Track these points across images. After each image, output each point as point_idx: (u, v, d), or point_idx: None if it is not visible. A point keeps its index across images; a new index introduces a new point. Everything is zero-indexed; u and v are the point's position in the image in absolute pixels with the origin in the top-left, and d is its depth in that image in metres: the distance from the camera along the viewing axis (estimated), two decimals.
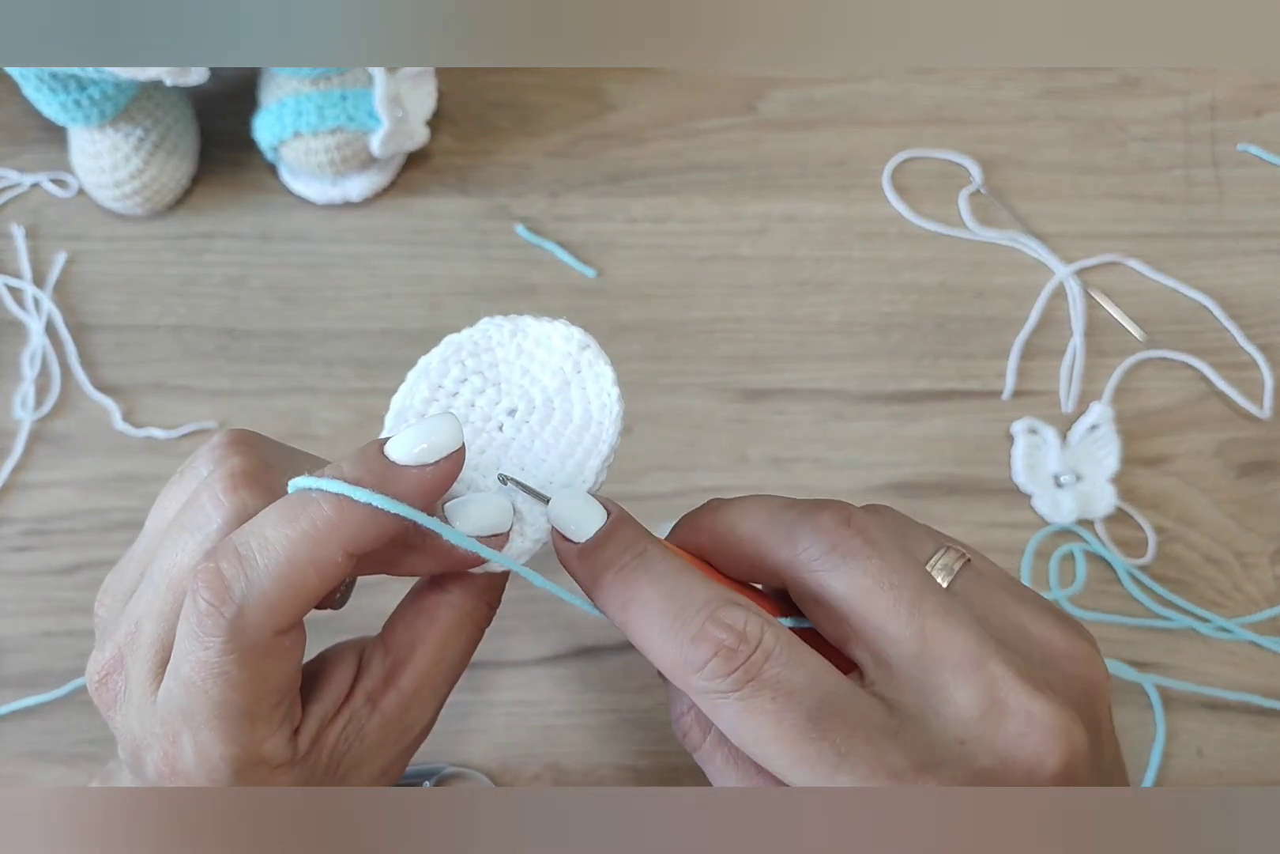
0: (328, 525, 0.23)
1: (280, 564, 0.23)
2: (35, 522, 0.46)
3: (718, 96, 0.54)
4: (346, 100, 0.48)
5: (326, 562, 0.23)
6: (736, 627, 0.23)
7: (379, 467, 0.24)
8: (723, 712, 0.23)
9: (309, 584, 0.23)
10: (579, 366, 0.29)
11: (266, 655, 0.23)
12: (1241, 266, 0.51)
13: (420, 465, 0.24)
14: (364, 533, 0.23)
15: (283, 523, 0.23)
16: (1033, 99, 0.54)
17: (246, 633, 0.23)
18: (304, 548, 0.23)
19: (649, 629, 0.24)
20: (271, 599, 0.23)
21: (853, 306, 0.50)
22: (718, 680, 0.23)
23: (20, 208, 0.51)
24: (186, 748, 0.24)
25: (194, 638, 0.23)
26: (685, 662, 0.24)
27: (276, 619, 0.23)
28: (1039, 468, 0.47)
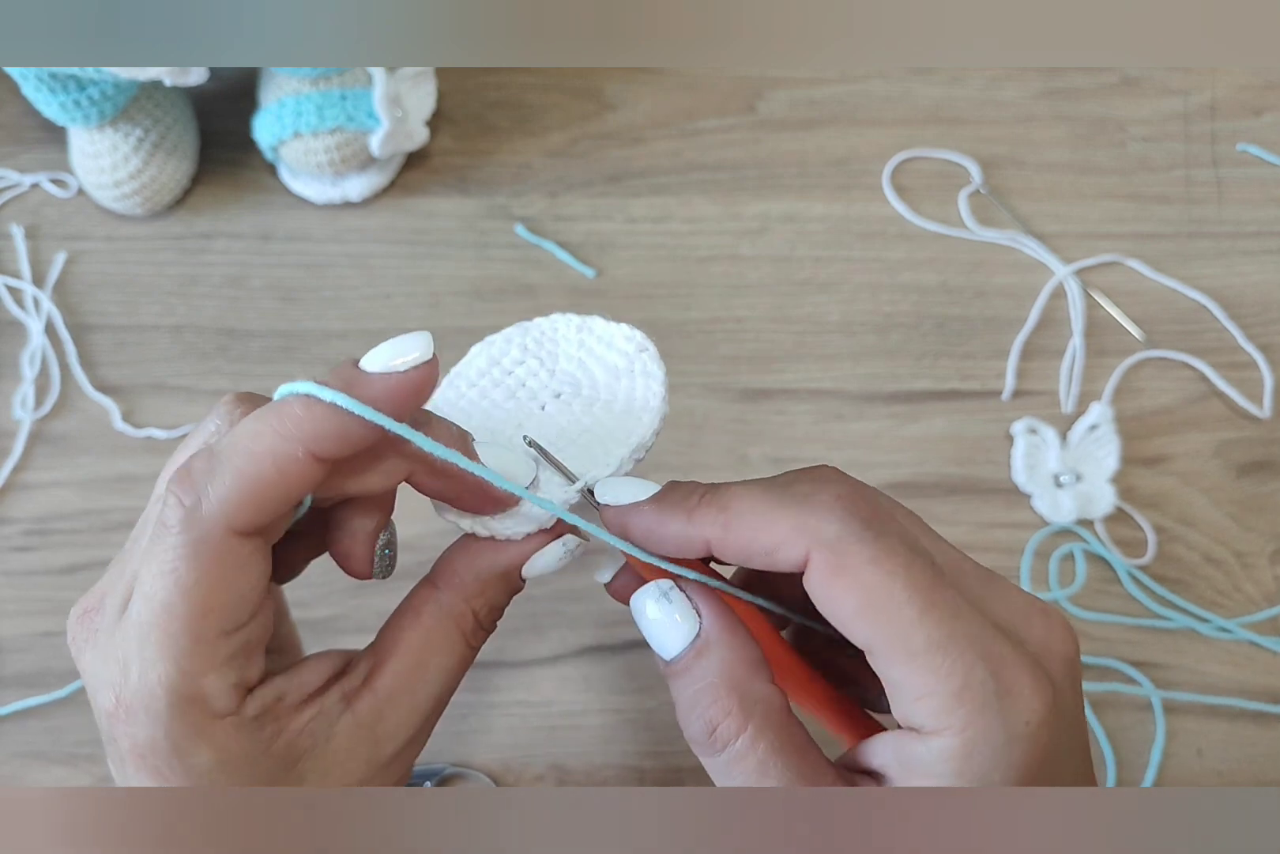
0: (293, 421, 0.23)
1: (241, 455, 0.23)
2: (35, 522, 0.46)
3: (717, 96, 0.54)
4: (346, 100, 0.48)
5: (286, 456, 0.23)
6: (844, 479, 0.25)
7: (349, 373, 0.24)
8: (854, 559, 0.23)
9: (266, 476, 0.23)
10: (633, 365, 0.30)
11: (218, 557, 0.23)
12: (1241, 266, 0.51)
13: (389, 372, 0.24)
14: (326, 430, 0.23)
15: (252, 421, 0.24)
16: (1033, 99, 0.54)
17: (201, 525, 0.23)
18: (265, 440, 0.23)
19: (756, 524, 0.24)
20: (229, 489, 0.23)
21: (852, 306, 0.50)
22: (851, 518, 0.24)
23: (20, 208, 0.51)
24: (132, 673, 0.24)
25: (154, 538, 0.23)
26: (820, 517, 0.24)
27: (231, 512, 0.23)
28: (1039, 468, 0.47)
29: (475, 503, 0.27)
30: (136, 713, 0.23)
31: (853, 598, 0.23)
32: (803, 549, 0.24)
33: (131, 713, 0.24)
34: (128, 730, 0.24)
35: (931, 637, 0.23)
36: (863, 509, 0.24)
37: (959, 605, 0.23)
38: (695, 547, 0.26)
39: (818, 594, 0.24)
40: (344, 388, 0.24)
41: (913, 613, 0.23)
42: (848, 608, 0.23)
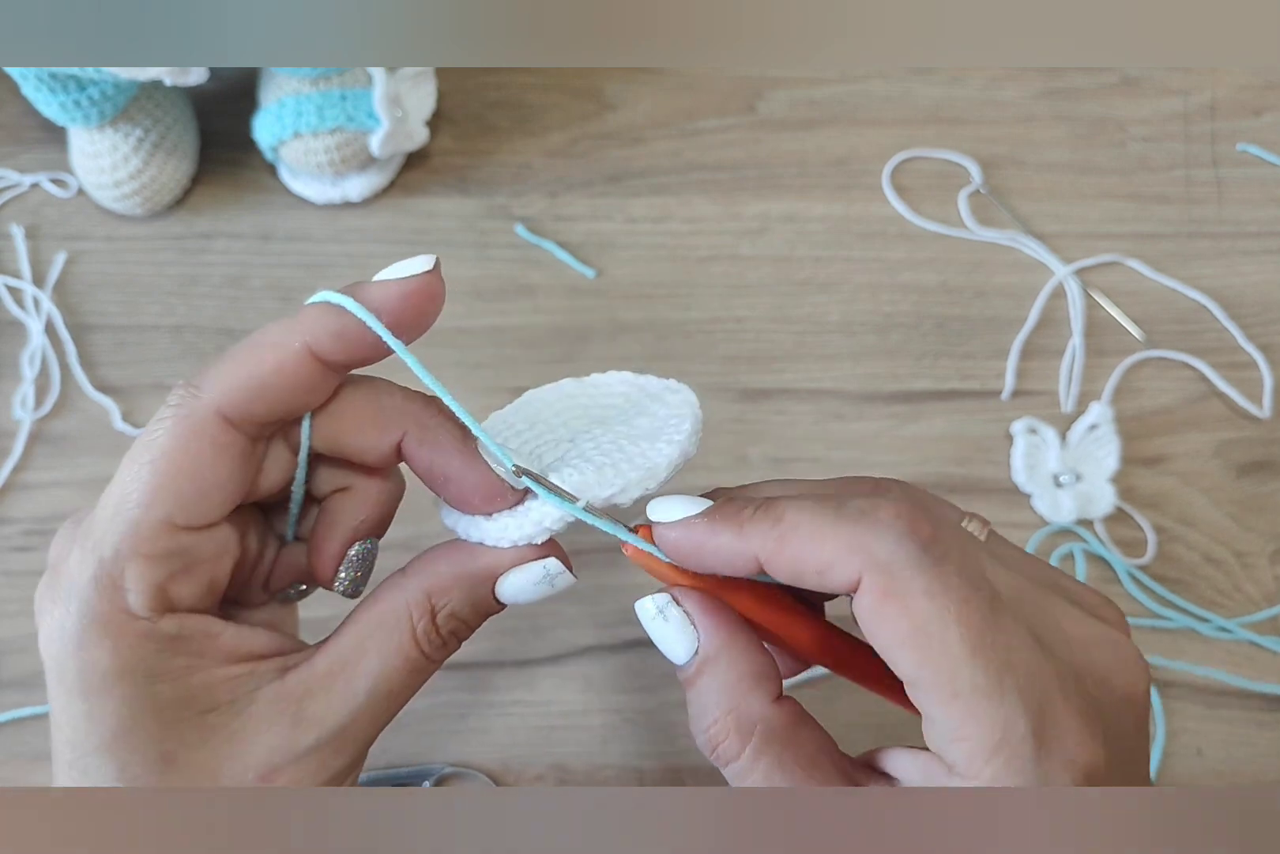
0: (300, 317, 0.24)
1: (245, 346, 0.24)
2: (35, 522, 0.46)
3: (717, 96, 0.54)
4: (346, 100, 0.48)
5: (284, 345, 0.24)
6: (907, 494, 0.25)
7: (356, 284, 0.25)
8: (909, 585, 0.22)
9: (265, 364, 0.24)
10: (668, 405, 0.30)
11: (196, 432, 0.24)
12: (1241, 266, 0.51)
13: (389, 279, 0.25)
14: (325, 325, 0.24)
15: (277, 321, 0.25)
16: (1032, 99, 0.54)
17: (193, 403, 0.24)
18: (269, 333, 0.24)
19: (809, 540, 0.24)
20: (225, 373, 0.24)
21: (852, 306, 0.50)
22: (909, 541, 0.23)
23: (20, 208, 0.51)
24: (74, 557, 0.24)
25: (154, 419, 0.24)
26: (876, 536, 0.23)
27: (222, 394, 0.24)
28: (1039, 468, 0.47)
29: (466, 491, 0.26)
30: (59, 584, 0.24)
31: (900, 627, 0.22)
32: (855, 570, 0.23)
33: (55, 583, 0.24)
34: (49, 607, 0.24)
35: (977, 681, 0.22)
36: (923, 530, 0.23)
37: (1012, 647, 0.22)
38: (745, 562, 0.24)
39: (865, 618, 0.23)
40: (348, 291, 0.25)
41: (961, 652, 0.22)
42: (894, 636, 0.22)
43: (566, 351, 0.49)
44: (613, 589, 0.45)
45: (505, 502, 0.26)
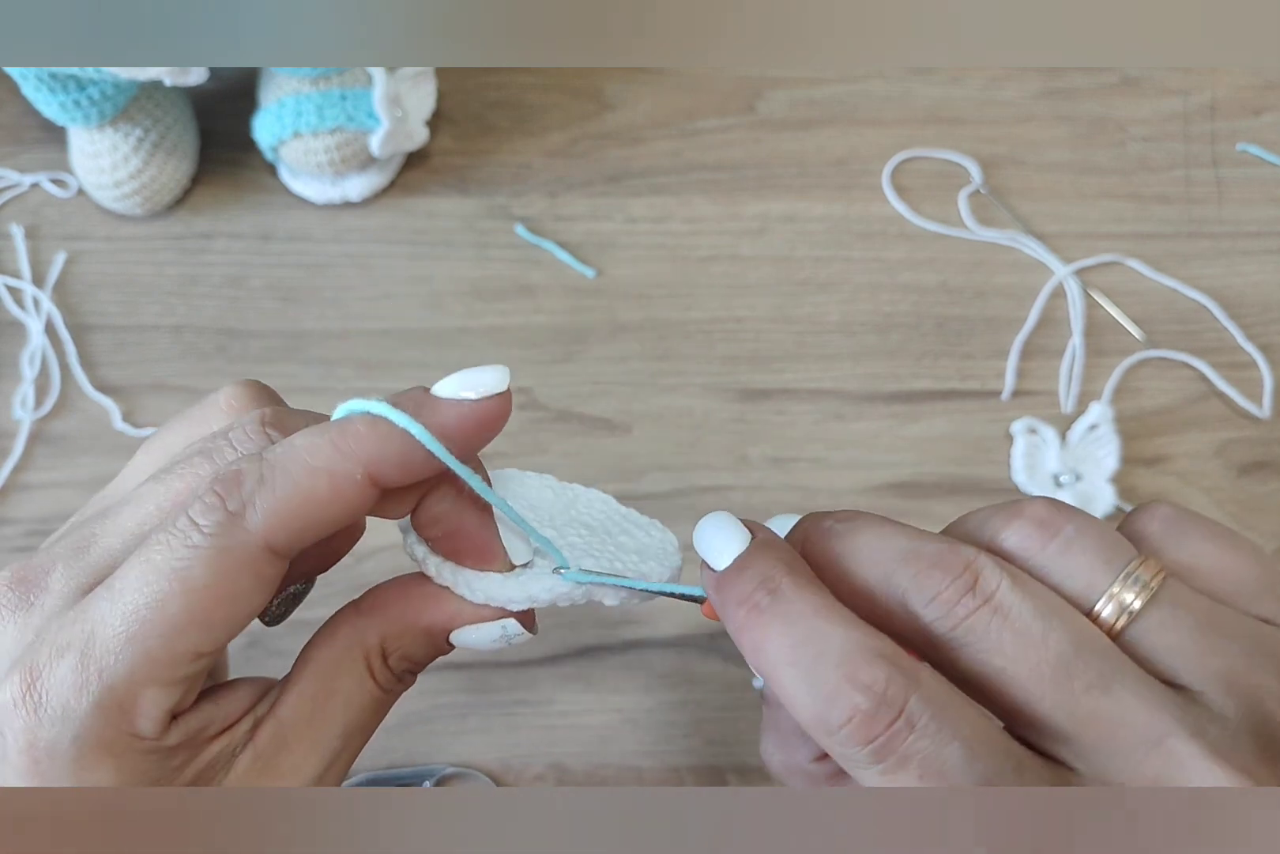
0: (355, 439, 0.22)
1: (297, 469, 0.22)
2: (36, 522, 0.46)
3: (717, 96, 0.54)
4: (346, 100, 0.48)
5: (344, 475, 0.22)
6: (875, 688, 0.21)
7: (419, 396, 0.23)
8: (859, 775, 0.21)
9: (320, 495, 0.22)
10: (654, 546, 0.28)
11: (241, 570, 0.21)
12: (1241, 266, 0.51)
13: (460, 400, 0.23)
14: (389, 453, 0.22)
15: (312, 433, 0.22)
16: (1032, 99, 0.54)
17: (238, 532, 0.21)
18: (323, 455, 0.22)
19: (781, 679, 0.22)
20: (279, 502, 0.21)
21: (852, 306, 0.50)
22: (855, 749, 0.21)
23: (20, 208, 0.51)
24: (66, 661, 0.21)
25: (173, 529, 0.21)
26: (820, 720, 0.21)
27: (275, 527, 0.21)
28: (1038, 468, 0.47)
29: (463, 546, 0.25)
30: (49, 706, 0.21)
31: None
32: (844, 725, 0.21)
33: (42, 705, 0.21)
34: (28, 724, 0.21)
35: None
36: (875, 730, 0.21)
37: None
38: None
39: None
40: (412, 411, 0.22)
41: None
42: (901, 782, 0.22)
43: (566, 351, 0.49)
44: None
45: (500, 565, 0.25)
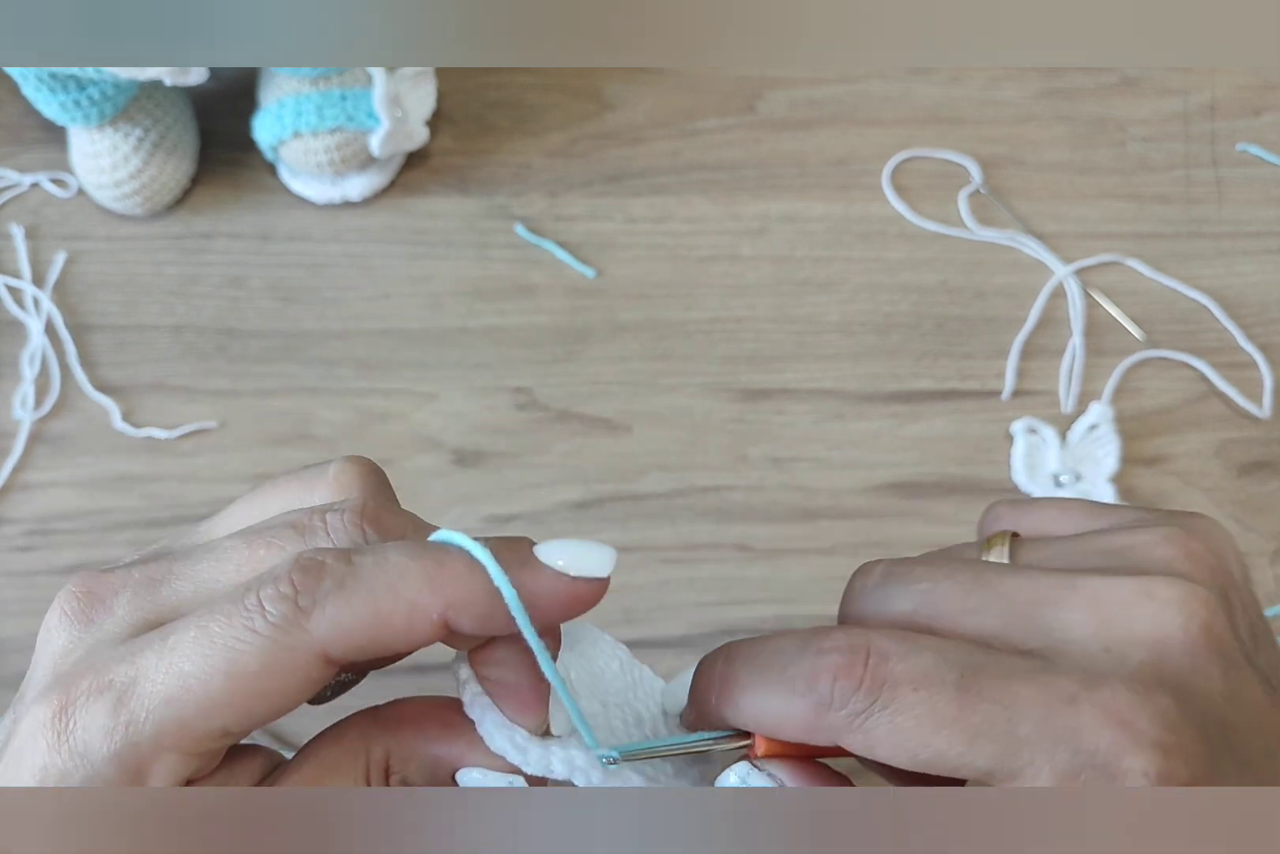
0: (451, 577, 0.21)
1: (381, 590, 0.21)
2: (36, 522, 0.46)
3: (717, 96, 0.54)
4: (346, 100, 0.48)
5: (422, 610, 0.21)
6: (840, 645, 0.22)
7: (524, 554, 0.22)
8: (876, 734, 0.22)
9: (393, 623, 0.21)
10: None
11: (291, 671, 0.21)
12: (1241, 266, 0.51)
13: (562, 574, 0.23)
14: (473, 603, 0.21)
15: (409, 554, 0.22)
16: (1032, 99, 0.54)
17: (298, 633, 0.21)
18: (411, 585, 0.21)
19: (763, 706, 0.23)
20: (350, 617, 0.21)
21: (852, 306, 0.50)
22: (855, 700, 0.22)
23: (20, 208, 0.51)
24: (98, 706, 0.21)
25: (241, 604, 0.21)
26: (816, 707, 0.22)
27: (338, 640, 0.21)
28: (1038, 468, 0.47)
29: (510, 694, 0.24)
30: (72, 739, 0.21)
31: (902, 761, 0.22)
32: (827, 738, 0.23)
33: (66, 736, 0.21)
34: (50, 747, 0.21)
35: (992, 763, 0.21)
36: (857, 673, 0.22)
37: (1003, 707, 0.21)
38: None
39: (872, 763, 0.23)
40: (511, 568, 0.22)
41: (961, 748, 0.21)
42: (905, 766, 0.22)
43: (566, 351, 0.49)
44: (613, 589, 0.45)
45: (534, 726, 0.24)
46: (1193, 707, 0.22)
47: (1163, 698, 0.22)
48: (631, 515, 0.47)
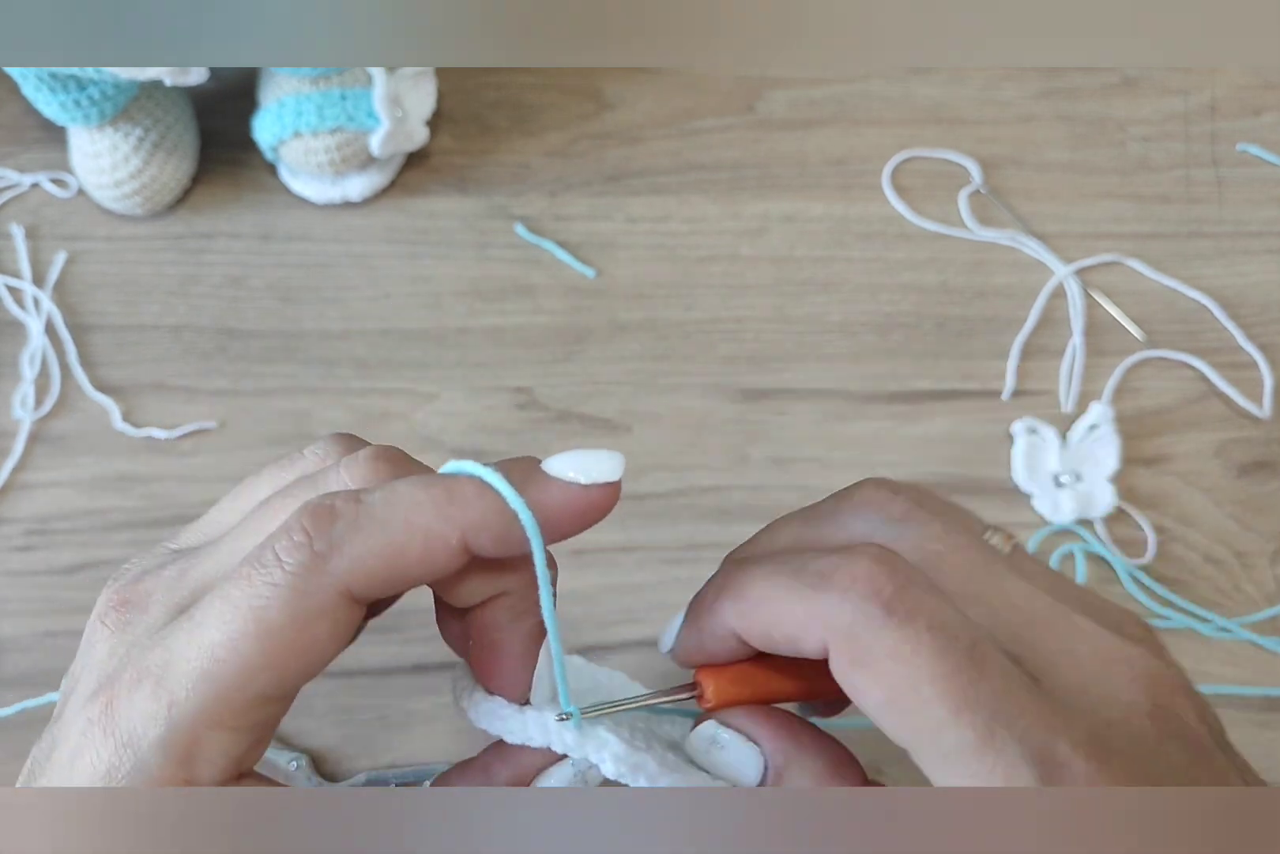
0: (462, 502, 0.21)
1: (395, 522, 0.21)
2: (36, 522, 0.46)
3: (716, 96, 0.54)
4: (346, 100, 0.48)
5: (439, 537, 0.21)
6: (873, 553, 0.22)
7: (530, 470, 0.23)
8: (874, 656, 0.21)
9: (411, 553, 0.21)
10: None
11: (318, 614, 0.21)
12: (1242, 266, 0.51)
13: (571, 483, 0.23)
14: (489, 523, 0.21)
15: (417, 485, 0.22)
16: (1032, 99, 0.54)
17: (318, 577, 0.21)
18: (424, 513, 0.21)
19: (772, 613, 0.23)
20: (368, 552, 0.21)
21: (852, 306, 0.50)
22: (873, 612, 0.21)
23: (20, 208, 0.51)
24: (143, 689, 0.21)
25: (257, 563, 0.21)
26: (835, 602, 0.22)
27: (359, 576, 0.21)
28: (1039, 468, 0.47)
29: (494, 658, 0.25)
30: (119, 730, 0.21)
31: (875, 695, 0.21)
32: (819, 639, 0.22)
33: (113, 728, 0.21)
34: (101, 744, 0.21)
35: (964, 739, 0.20)
36: (886, 588, 0.22)
37: (1001, 693, 0.21)
38: (728, 642, 0.24)
39: (843, 685, 0.22)
40: (520, 483, 0.22)
41: (943, 713, 0.21)
42: (871, 702, 0.21)
43: (566, 351, 0.49)
44: (613, 589, 0.45)
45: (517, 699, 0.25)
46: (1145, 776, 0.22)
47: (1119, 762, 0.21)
48: (632, 515, 0.47)
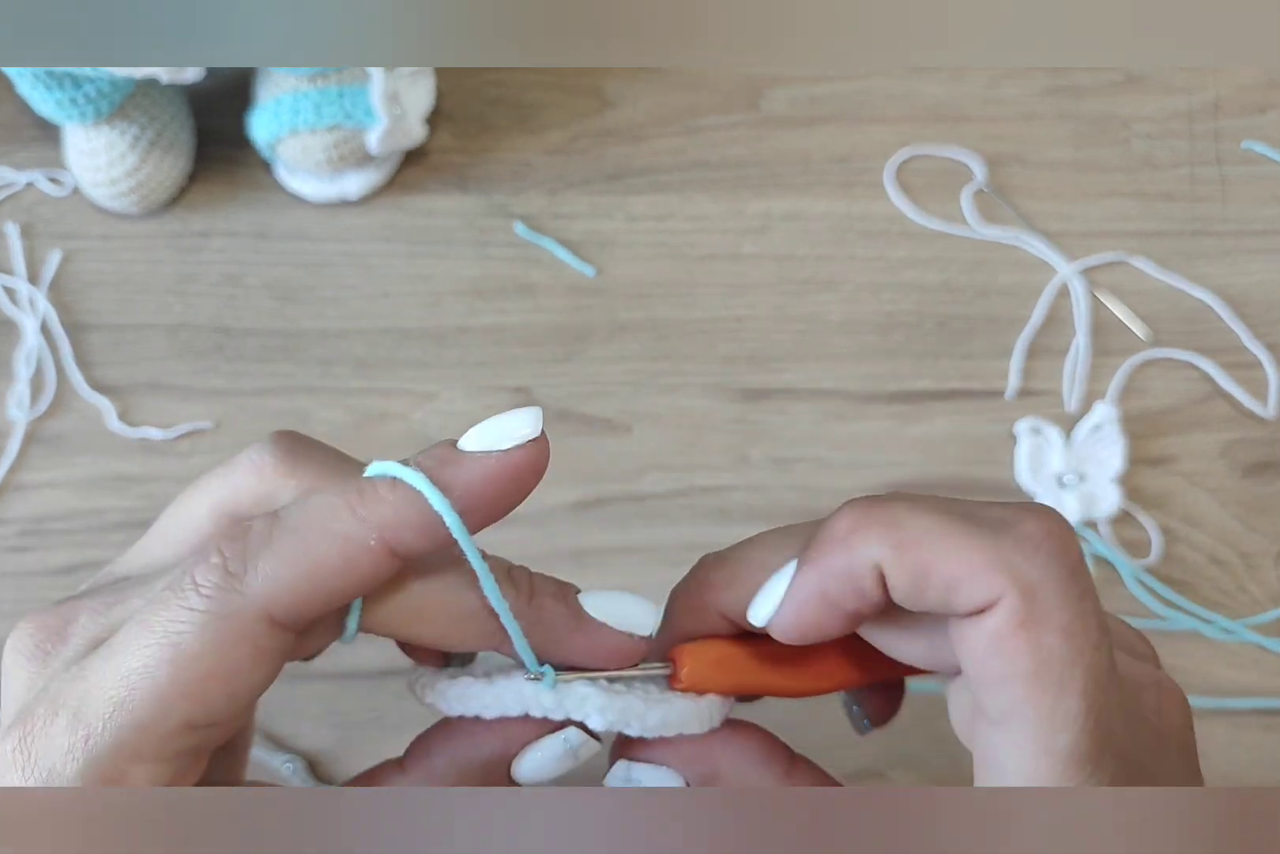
0: (374, 501, 0.20)
1: (308, 531, 0.20)
2: (31, 522, 0.46)
3: (718, 94, 0.53)
4: (344, 98, 0.48)
5: (358, 541, 0.20)
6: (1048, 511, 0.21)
7: (443, 452, 0.22)
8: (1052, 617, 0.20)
9: (329, 562, 0.20)
10: None
11: (236, 641, 0.20)
12: (1247, 265, 0.51)
13: (488, 452, 0.22)
14: (407, 518, 0.21)
15: (331, 492, 0.21)
16: (1036, 96, 0.54)
17: (235, 599, 0.20)
18: (338, 519, 0.20)
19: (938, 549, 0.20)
20: (283, 567, 0.20)
21: (854, 306, 0.50)
22: (1059, 564, 0.21)
23: (15, 206, 0.51)
24: (57, 723, 0.20)
25: (175, 588, 0.20)
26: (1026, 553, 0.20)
27: (276, 595, 0.20)
28: (1042, 468, 0.47)
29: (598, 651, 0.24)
30: (37, 766, 0.20)
31: (1023, 662, 0.20)
32: (995, 589, 0.20)
33: (30, 764, 0.20)
34: (15, 779, 0.20)
35: (1082, 745, 0.20)
36: (1074, 555, 0.21)
37: (1114, 711, 0.20)
38: (860, 584, 0.21)
39: (982, 645, 0.20)
40: (434, 469, 0.21)
41: (1077, 708, 0.19)
42: (1011, 670, 0.20)
43: (566, 351, 0.49)
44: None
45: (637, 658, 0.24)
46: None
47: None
48: (632, 516, 0.46)
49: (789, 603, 0.22)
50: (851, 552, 0.21)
